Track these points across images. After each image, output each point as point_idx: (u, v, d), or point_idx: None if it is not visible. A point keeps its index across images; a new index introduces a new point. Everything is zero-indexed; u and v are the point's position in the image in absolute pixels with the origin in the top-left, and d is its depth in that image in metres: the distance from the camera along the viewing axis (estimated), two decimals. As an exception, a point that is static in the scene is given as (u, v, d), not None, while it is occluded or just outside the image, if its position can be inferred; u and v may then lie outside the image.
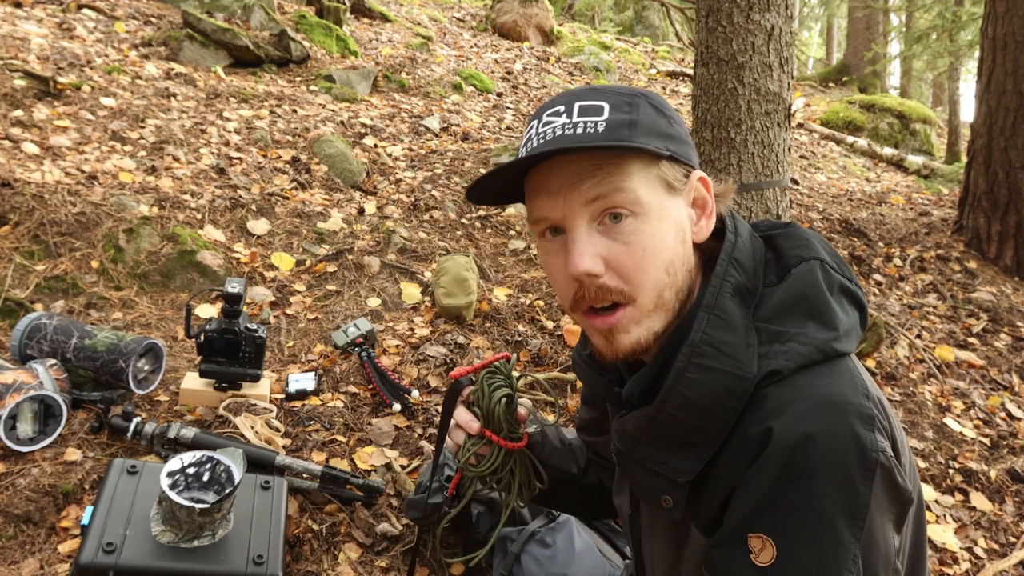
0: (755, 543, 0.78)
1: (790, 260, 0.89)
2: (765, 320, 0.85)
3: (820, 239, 0.93)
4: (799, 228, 0.94)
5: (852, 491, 0.76)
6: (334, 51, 6.22)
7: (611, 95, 0.85)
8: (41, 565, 1.61)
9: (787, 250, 0.91)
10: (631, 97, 0.86)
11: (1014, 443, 2.66)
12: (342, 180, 3.93)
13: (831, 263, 0.89)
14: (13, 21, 4.54)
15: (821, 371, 0.80)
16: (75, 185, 3.02)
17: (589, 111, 0.83)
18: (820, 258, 0.89)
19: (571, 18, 13.16)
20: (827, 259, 0.89)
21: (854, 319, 0.88)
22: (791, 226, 0.95)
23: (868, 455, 0.76)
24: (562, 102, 0.86)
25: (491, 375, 1.11)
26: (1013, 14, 3.94)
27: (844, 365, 0.82)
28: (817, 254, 0.89)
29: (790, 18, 3.02)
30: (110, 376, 2.08)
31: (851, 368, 0.82)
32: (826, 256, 0.90)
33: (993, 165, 4.06)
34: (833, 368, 0.81)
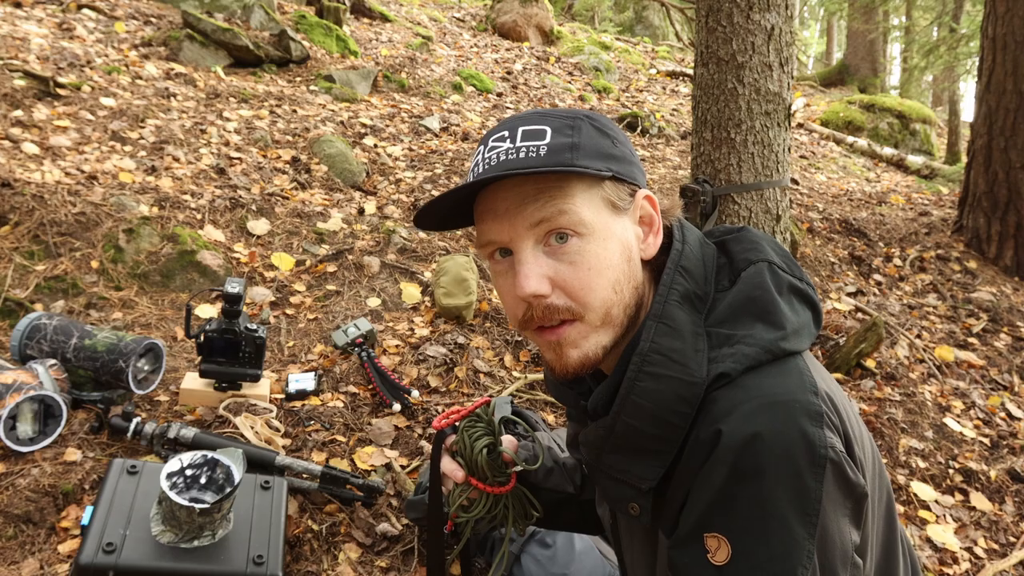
0: (711, 543, 0.79)
1: (739, 264, 0.91)
2: (716, 324, 0.87)
3: (770, 240, 0.95)
4: (750, 232, 0.96)
5: (803, 488, 0.76)
6: (334, 51, 6.22)
7: (553, 119, 0.87)
8: (41, 565, 1.61)
9: (737, 254, 0.92)
10: (573, 120, 0.87)
11: (1014, 443, 2.66)
12: (342, 180, 3.93)
13: (780, 264, 0.91)
14: (13, 21, 4.54)
15: (769, 371, 0.82)
16: (75, 185, 3.02)
17: (532, 135, 0.85)
18: (768, 260, 0.91)
19: (571, 18, 13.16)
20: (776, 260, 0.91)
21: (805, 317, 0.89)
22: (743, 230, 0.96)
23: (817, 451, 0.77)
24: (507, 127, 0.88)
25: (471, 424, 1.12)
26: (1013, 14, 3.94)
27: (793, 364, 0.83)
28: (765, 256, 0.91)
29: (790, 18, 3.02)
30: (110, 376, 2.08)
31: (800, 366, 0.84)
32: (775, 257, 0.92)
33: (993, 165, 4.06)
34: (782, 367, 0.83)
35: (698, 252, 0.91)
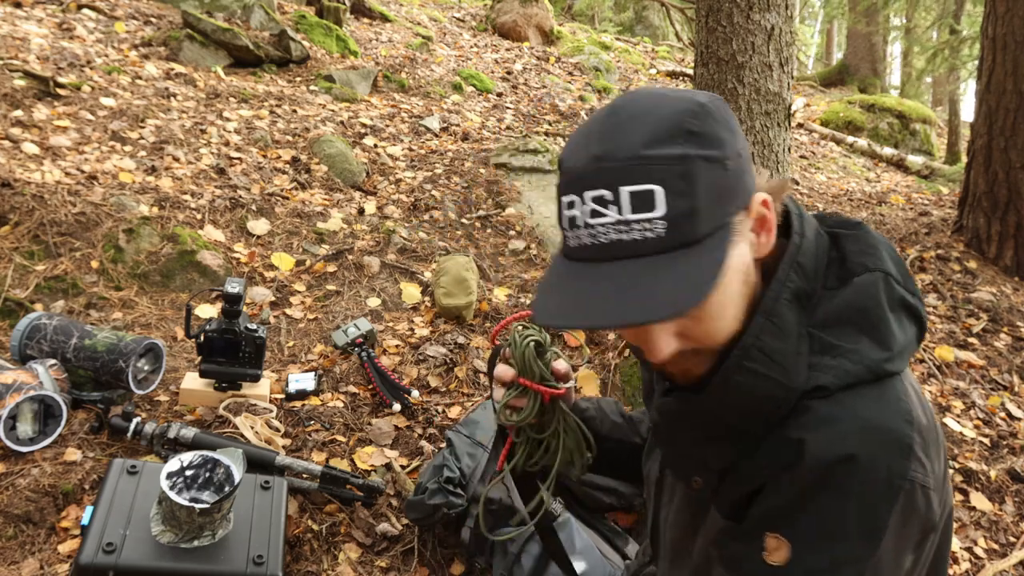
0: (771, 542, 0.81)
1: (854, 267, 0.87)
2: (819, 327, 0.85)
3: (887, 246, 0.91)
4: (868, 232, 0.92)
5: (874, 514, 0.79)
6: (334, 51, 6.22)
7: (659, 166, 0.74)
8: (41, 565, 1.61)
9: (852, 255, 0.89)
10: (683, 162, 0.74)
11: (1014, 443, 2.66)
12: (342, 180, 3.93)
13: (896, 275, 0.88)
14: (13, 21, 4.54)
15: (868, 392, 0.81)
16: (75, 185, 3.02)
17: (642, 201, 0.74)
18: (885, 270, 0.87)
19: (571, 18, 13.16)
20: (892, 271, 0.88)
21: (911, 335, 0.87)
22: (860, 228, 0.92)
23: (895, 482, 0.79)
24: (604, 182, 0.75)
25: (523, 327, 1.14)
26: (1013, 14, 3.93)
27: (892, 387, 0.83)
28: (883, 265, 0.88)
29: (790, 18, 3.02)
30: (110, 376, 2.08)
31: (899, 390, 0.83)
32: (891, 267, 0.88)
33: (993, 165, 4.06)
34: (881, 389, 0.82)
35: (813, 246, 0.87)
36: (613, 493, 1.91)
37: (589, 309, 0.76)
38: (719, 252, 0.76)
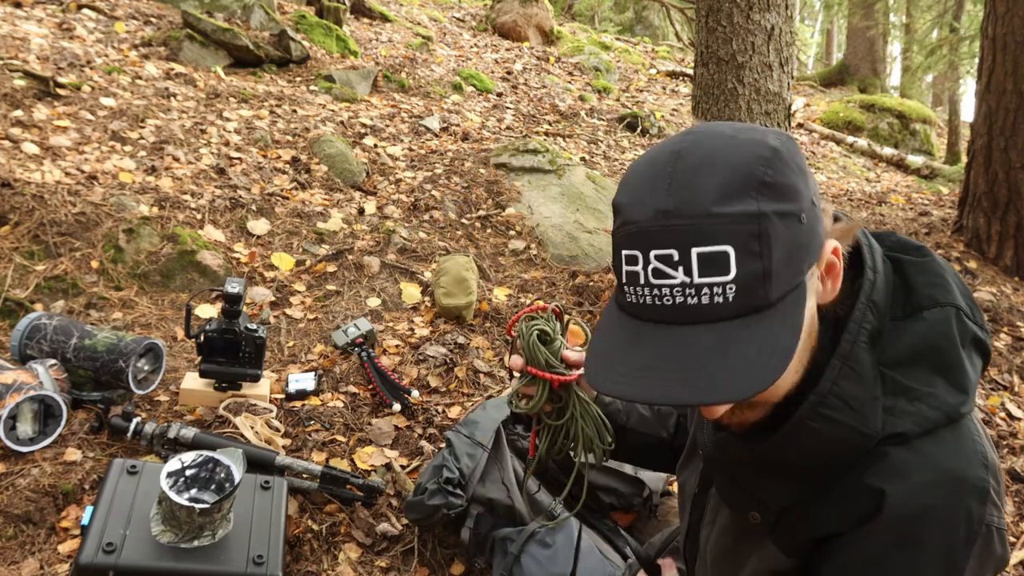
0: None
1: (923, 300, 0.84)
2: (891, 366, 0.82)
3: (954, 275, 0.87)
4: (935, 260, 0.87)
5: (953, 563, 0.79)
6: (334, 51, 6.22)
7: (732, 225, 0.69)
8: (41, 565, 1.61)
9: (920, 287, 0.85)
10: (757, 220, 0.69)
11: (1014, 443, 2.66)
12: (342, 180, 3.93)
13: (966, 310, 0.85)
14: (13, 21, 4.54)
15: (945, 437, 0.80)
16: (75, 185, 3.02)
17: (711, 264, 0.69)
18: (956, 304, 0.84)
19: (571, 18, 13.16)
20: (962, 305, 0.85)
21: (979, 370, 0.85)
22: (925, 254, 0.88)
23: (974, 529, 0.79)
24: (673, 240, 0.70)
25: (532, 317, 1.16)
26: (1013, 14, 3.93)
27: (966, 430, 0.81)
28: (954, 300, 0.84)
29: (790, 18, 3.02)
30: (110, 376, 2.08)
31: (972, 433, 0.82)
32: (961, 301, 0.85)
33: (993, 165, 4.06)
34: (957, 434, 0.81)
35: (884, 280, 0.84)
36: (613, 493, 1.91)
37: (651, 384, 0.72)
38: (794, 319, 0.72)
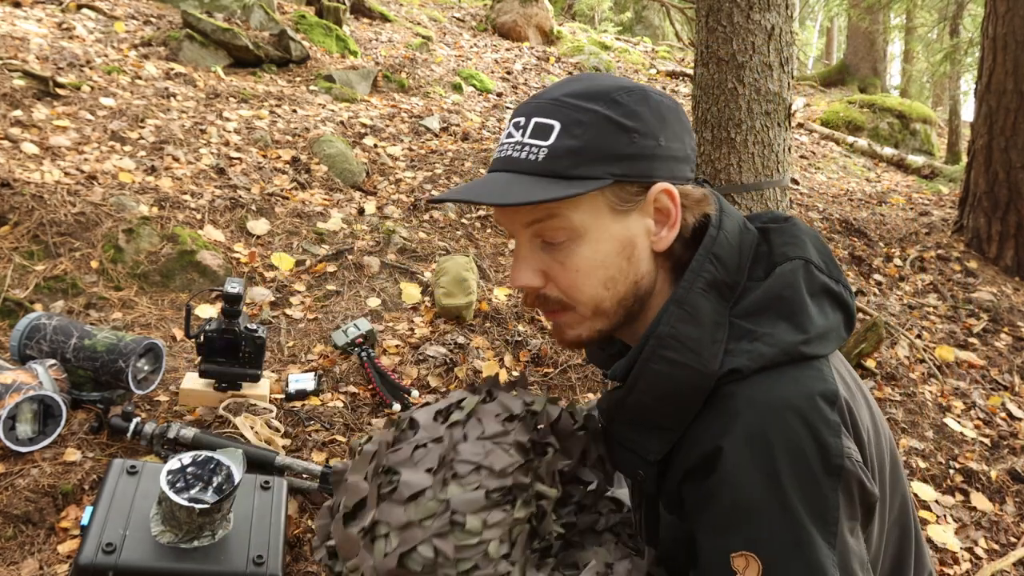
0: (738, 562, 0.78)
1: (777, 257, 0.90)
2: (741, 316, 0.86)
3: (813, 236, 0.93)
4: (796, 224, 0.94)
5: (821, 498, 0.76)
6: (334, 51, 6.22)
7: (570, 109, 0.84)
8: (40, 565, 1.61)
9: (777, 246, 0.91)
10: (589, 113, 0.84)
11: (1014, 443, 2.66)
12: (342, 180, 3.93)
13: (817, 263, 0.89)
14: (12, 21, 4.54)
15: (785, 372, 0.81)
16: (75, 185, 3.02)
17: (540, 131, 0.84)
18: (806, 258, 0.89)
19: (571, 18, 13.15)
20: (813, 259, 0.89)
21: (835, 321, 0.88)
22: (789, 220, 0.95)
23: (833, 461, 0.77)
24: (525, 112, 0.87)
25: None
26: (1013, 14, 3.93)
27: (812, 368, 0.82)
28: (804, 253, 0.89)
29: (790, 18, 3.02)
30: (110, 376, 2.08)
31: (820, 371, 0.82)
32: (813, 255, 0.90)
33: (993, 165, 4.06)
34: (799, 370, 0.81)
35: (735, 239, 0.89)
36: None
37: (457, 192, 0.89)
38: (577, 190, 0.82)
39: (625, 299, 0.89)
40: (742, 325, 0.85)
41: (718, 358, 0.83)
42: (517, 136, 0.86)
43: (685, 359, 0.82)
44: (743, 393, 0.80)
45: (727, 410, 0.81)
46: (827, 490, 0.76)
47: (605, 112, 0.84)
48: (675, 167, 0.87)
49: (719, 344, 0.83)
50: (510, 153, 0.86)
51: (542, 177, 0.83)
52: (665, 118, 0.86)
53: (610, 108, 0.84)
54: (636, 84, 0.88)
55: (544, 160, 0.83)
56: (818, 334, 0.84)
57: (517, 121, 0.87)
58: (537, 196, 0.81)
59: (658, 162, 0.86)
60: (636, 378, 0.85)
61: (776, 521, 0.76)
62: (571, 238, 0.86)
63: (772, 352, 0.81)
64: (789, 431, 0.77)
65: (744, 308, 0.86)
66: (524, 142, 0.85)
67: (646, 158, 0.85)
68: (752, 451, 0.77)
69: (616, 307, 0.89)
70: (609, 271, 0.87)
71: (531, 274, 0.89)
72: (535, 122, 0.85)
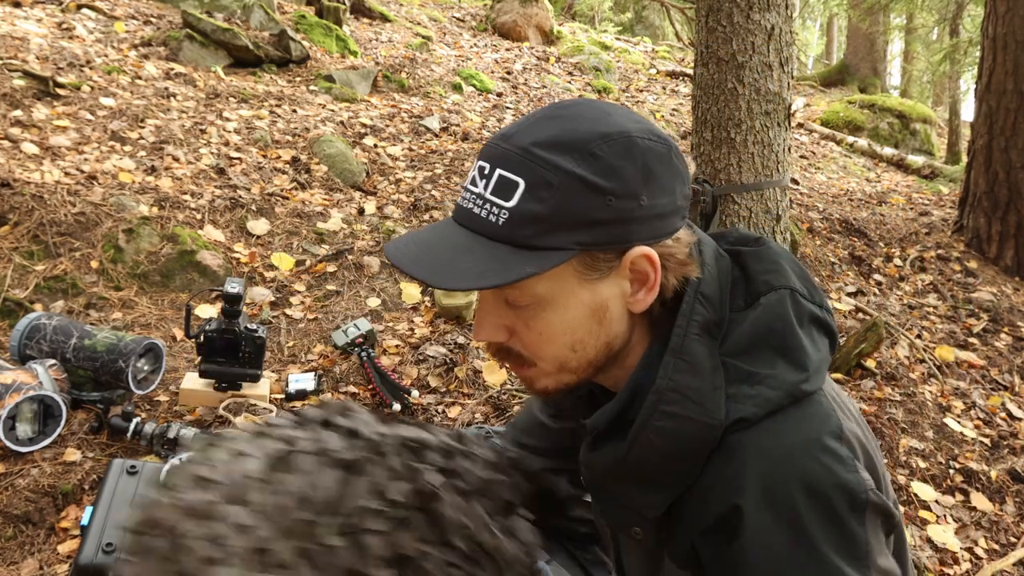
0: None
1: (759, 286, 0.86)
2: (733, 355, 0.82)
3: (789, 259, 0.90)
4: (770, 247, 0.90)
5: (850, 536, 0.75)
6: (334, 51, 6.22)
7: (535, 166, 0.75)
8: (40, 565, 1.61)
9: (756, 274, 0.87)
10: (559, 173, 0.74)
11: (1014, 443, 2.66)
12: (342, 180, 3.93)
13: (801, 290, 0.86)
14: (12, 21, 4.54)
15: (790, 415, 0.79)
16: (75, 185, 3.02)
17: (503, 187, 0.76)
18: (790, 286, 0.85)
19: (571, 18, 13.16)
20: (797, 286, 0.86)
21: (824, 350, 0.86)
22: (761, 243, 0.91)
23: (857, 497, 0.75)
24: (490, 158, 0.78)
25: None
26: (1013, 14, 3.93)
27: (815, 405, 0.80)
28: (787, 282, 0.86)
29: (790, 18, 3.02)
30: (110, 376, 2.08)
31: (822, 408, 0.81)
32: (796, 283, 0.86)
33: (993, 165, 4.06)
34: (804, 411, 0.79)
35: (715, 272, 0.85)
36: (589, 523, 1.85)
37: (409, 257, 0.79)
38: (534, 268, 0.74)
39: (596, 359, 0.84)
40: (739, 367, 0.81)
41: (722, 407, 0.79)
42: (479, 188, 0.78)
43: (690, 412, 0.79)
44: (752, 442, 0.78)
45: (737, 462, 0.78)
46: (854, 527, 0.75)
47: (577, 171, 0.74)
48: (659, 225, 0.79)
49: (720, 391, 0.80)
50: (471, 207, 0.78)
51: (501, 244, 0.76)
52: (652, 171, 0.78)
53: (584, 165, 0.75)
54: (621, 129, 0.77)
55: (504, 225, 0.75)
56: (815, 369, 0.82)
57: (482, 167, 0.78)
58: (487, 280, 0.74)
59: (636, 224, 0.78)
60: (637, 435, 0.80)
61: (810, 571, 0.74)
62: (535, 303, 0.80)
63: (777, 396, 0.79)
64: (807, 476, 0.75)
65: (735, 346, 0.83)
66: (486, 198, 0.77)
67: (622, 222, 0.77)
68: (773, 506, 0.75)
69: (584, 366, 0.84)
70: (576, 335, 0.81)
71: (494, 330, 0.83)
72: (499, 175, 0.76)
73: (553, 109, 0.81)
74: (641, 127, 0.79)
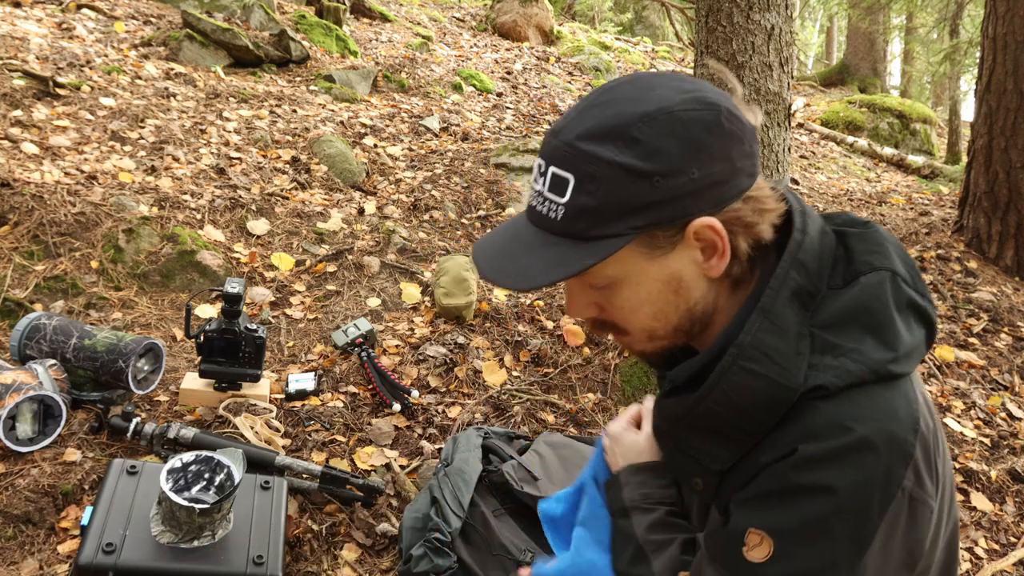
0: (752, 538, 0.79)
1: (860, 266, 0.85)
2: (822, 327, 0.82)
3: (896, 244, 0.89)
4: (876, 230, 0.89)
5: (864, 519, 0.76)
6: (334, 51, 6.22)
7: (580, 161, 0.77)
8: (40, 566, 1.61)
9: (859, 254, 0.86)
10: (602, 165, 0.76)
11: (1014, 443, 2.66)
12: (342, 180, 3.93)
13: (903, 275, 0.85)
14: (12, 21, 4.54)
15: (873, 393, 0.79)
16: (75, 185, 3.02)
17: (557, 184, 0.79)
18: (892, 269, 0.85)
19: (571, 18, 13.15)
20: (900, 270, 0.85)
21: (919, 337, 0.85)
22: (869, 226, 0.90)
23: (891, 490, 0.76)
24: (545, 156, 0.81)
25: None
26: (1013, 14, 3.93)
27: (898, 389, 0.80)
28: (890, 264, 0.85)
29: (790, 18, 3.02)
30: (110, 376, 2.08)
31: (905, 394, 0.80)
32: (899, 267, 0.86)
33: (993, 165, 4.06)
34: (886, 391, 0.79)
35: (817, 245, 0.85)
36: None
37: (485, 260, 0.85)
38: (593, 259, 0.78)
39: (680, 325, 0.87)
40: (826, 338, 0.81)
41: (802, 371, 0.79)
42: (539, 186, 0.82)
43: (767, 371, 0.80)
44: (828, 411, 0.78)
45: (808, 425, 0.78)
46: (874, 515, 0.76)
47: (618, 160, 0.76)
48: (718, 193, 0.79)
49: (803, 357, 0.80)
50: (535, 204, 0.83)
51: (563, 238, 0.80)
52: (699, 142, 0.77)
53: (626, 151, 0.76)
54: (662, 106, 0.77)
55: (562, 220, 0.79)
56: (905, 352, 0.81)
57: (539, 165, 0.82)
58: (550, 276, 0.79)
59: (690, 199, 0.78)
60: (711, 387, 0.82)
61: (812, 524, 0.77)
62: (611, 283, 0.84)
63: (859, 370, 0.78)
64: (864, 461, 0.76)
65: (826, 319, 0.83)
66: (545, 195, 0.81)
67: (674, 199, 0.77)
68: (819, 464, 0.76)
69: (671, 332, 0.87)
70: (656, 306, 0.84)
71: (584, 308, 0.88)
72: (552, 173, 0.80)
73: (597, 95, 0.82)
74: (686, 97, 0.78)
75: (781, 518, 0.78)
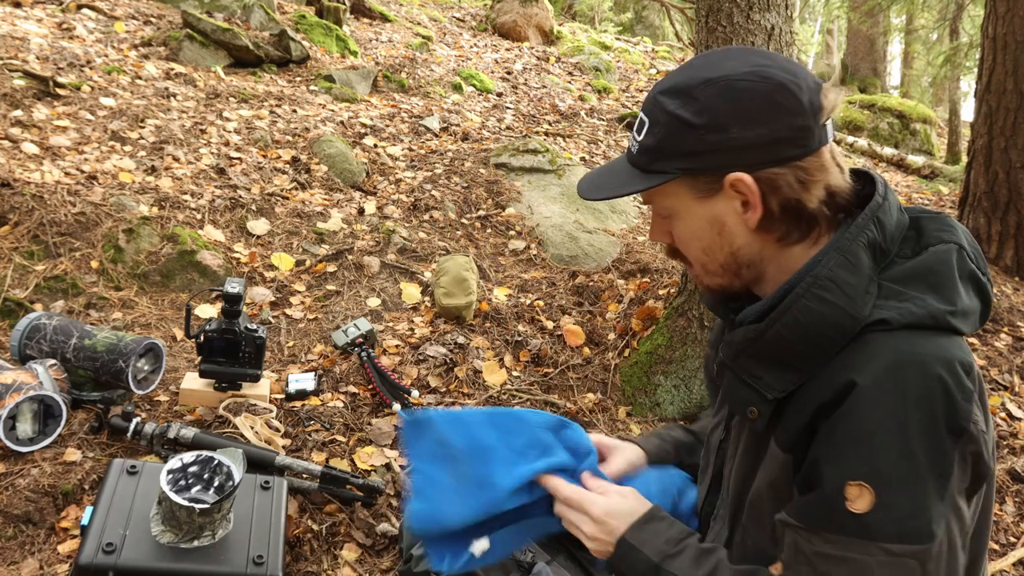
0: (852, 491, 0.83)
1: (930, 239, 0.94)
2: (890, 281, 0.90)
3: (965, 231, 0.97)
4: (948, 217, 0.98)
5: (941, 452, 0.81)
6: (334, 51, 6.22)
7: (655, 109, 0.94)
8: (41, 565, 1.61)
9: (930, 231, 0.95)
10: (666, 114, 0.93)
11: (1014, 443, 2.66)
12: (342, 180, 3.93)
13: (969, 252, 0.94)
14: (13, 21, 4.54)
15: (931, 336, 0.85)
16: (75, 185, 3.02)
17: (640, 127, 0.97)
18: (959, 243, 0.93)
19: (571, 18, 13.15)
20: (966, 246, 0.94)
21: (975, 305, 0.92)
22: (941, 213, 0.99)
23: (960, 422, 0.81)
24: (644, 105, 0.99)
25: None
26: (1013, 14, 3.93)
27: (954, 342, 0.86)
28: (958, 239, 0.93)
29: (790, 18, 3.01)
30: (110, 376, 2.08)
31: (960, 344, 0.86)
32: (966, 243, 0.94)
33: (993, 165, 4.05)
34: (944, 338, 0.85)
35: (895, 213, 0.94)
36: None
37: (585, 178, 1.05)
38: (644, 185, 0.96)
39: (727, 264, 0.98)
40: (892, 287, 0.89)
41: (868, 306, 0.87)
42: (634, 128, 0.99)
43: (838, 300, 0.87)
44: (887, 341, 0.84)
45: (868, 352, 0.85)
46: (947, 447, 0.81)
47: (677, 112, 0.91)
48: (756, 154, 0.90)
49: (871, 296, 0.88)
50: (629, 143, 1.01)
51: (633, 168, 0.98)
52: (745, 107, 0.89)
53: (684, 106, 0.91)
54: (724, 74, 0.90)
55: (636, 154, 0.98)
56: (963, 310, 0.88)
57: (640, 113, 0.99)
58: (604, 192, 0.99)
59: (727, 154, 0.91)
60: (782, 312, 0.90)
61: (896, 461, 0.81)
62: (669, 215, 0.99)
63: (921, 313, 0.85)
64: (925, 384, 0.81)
65: (894, 275, 0.91)
66: (633, 135, 0.99)
67: (714, 152, 0.91)
68: (885, 393, 0.82)
69: (720, 270, 0.99)
70: (703, 241, 0.98)
71: (659, 233, 1.04)
72: (640, 117, 0.97)
73: (691, 61, 0.99)
74: (749, 70, 0.91)
75: (869, 462, 0.82)
